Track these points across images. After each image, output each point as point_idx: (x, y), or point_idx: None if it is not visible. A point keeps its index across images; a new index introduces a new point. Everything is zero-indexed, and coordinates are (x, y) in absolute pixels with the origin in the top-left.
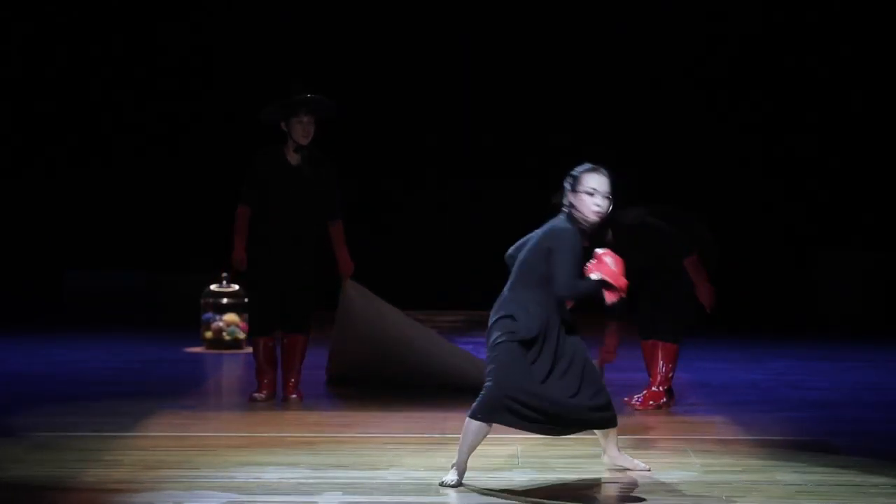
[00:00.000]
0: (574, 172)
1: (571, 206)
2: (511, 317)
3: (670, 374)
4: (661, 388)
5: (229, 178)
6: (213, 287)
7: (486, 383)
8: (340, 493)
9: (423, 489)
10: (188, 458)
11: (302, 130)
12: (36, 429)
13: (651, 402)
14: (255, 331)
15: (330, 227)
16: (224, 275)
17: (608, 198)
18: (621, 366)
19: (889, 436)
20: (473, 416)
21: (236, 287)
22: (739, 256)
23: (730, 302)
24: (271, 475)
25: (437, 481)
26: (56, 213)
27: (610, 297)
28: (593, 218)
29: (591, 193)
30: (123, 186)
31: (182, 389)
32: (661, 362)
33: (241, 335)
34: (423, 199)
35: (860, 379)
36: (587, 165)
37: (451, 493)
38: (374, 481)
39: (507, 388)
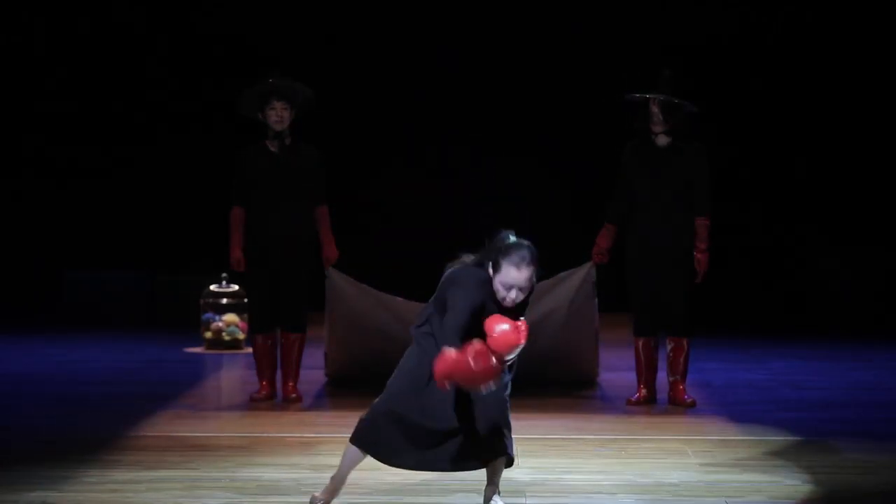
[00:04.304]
0: (500, 256)
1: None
2: None
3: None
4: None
5: (229, 177)
6: (212, 287)
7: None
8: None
9: (423, 489)
10: (188, 458)
11: (275, 116)
12: (36, 429)
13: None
14: (254, 328)
15: (315, 211)
16: (224, 275)
17: (525, 288)
18: (620, 365)
19: (889, 436)
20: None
21: (236, 287)
22: (739, 256)
23: (730, 302)
24: (271, 475)
25: (439, 482)
26: (56, 213)
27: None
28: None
29: (508, 288)
30: (124, 186)
31: (182, 389)
32: (685, 358)
33: (241, 335)
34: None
35: (860, 379)
36: (512, 253)
37: (451, 493)
38: (374, 481)
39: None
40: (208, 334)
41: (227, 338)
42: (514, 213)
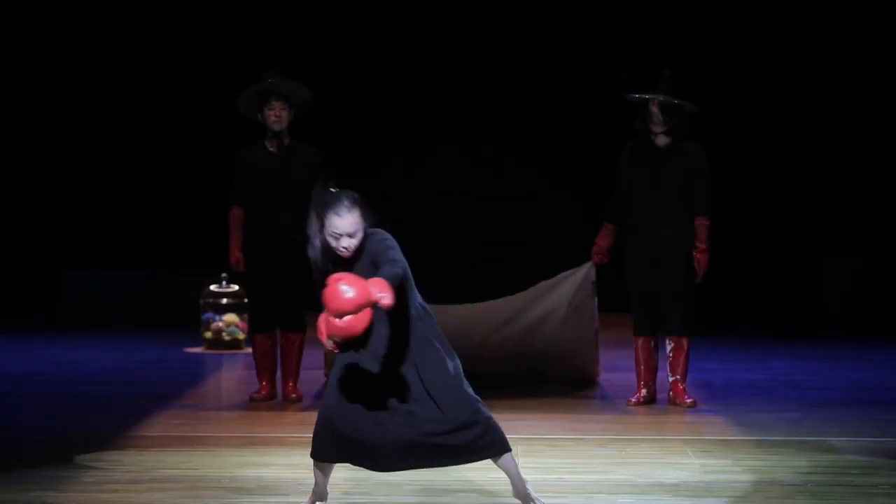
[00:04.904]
0: (322, 209)
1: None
2: None
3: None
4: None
5: (229, 177)
6: (212, 287)
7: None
8: (340, 493)
9: (423, 489)
10: (188, 458)
11: (274, 116)
12: (36, 429)
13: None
14: (253, 328)
15: None
16: (224, 275)
17: (353, 233)
18: (620, 365)
19: (888, 436)
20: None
21: (236, 287)
22: (739, 256)
23: (730, 302)
24: (271, 475)
25: (440, 482)
26: (56, 213)
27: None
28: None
29: (336, 238)
30: (124, 186)
31: (182, 389)
32: (685, 358)
33: (241, 335)
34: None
35: (860, 379)
36: (332, 202)
37: (451, 493)
38: (375, 481)
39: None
40: (208, 334)
41: (227, 338)
42: (515, 213)
